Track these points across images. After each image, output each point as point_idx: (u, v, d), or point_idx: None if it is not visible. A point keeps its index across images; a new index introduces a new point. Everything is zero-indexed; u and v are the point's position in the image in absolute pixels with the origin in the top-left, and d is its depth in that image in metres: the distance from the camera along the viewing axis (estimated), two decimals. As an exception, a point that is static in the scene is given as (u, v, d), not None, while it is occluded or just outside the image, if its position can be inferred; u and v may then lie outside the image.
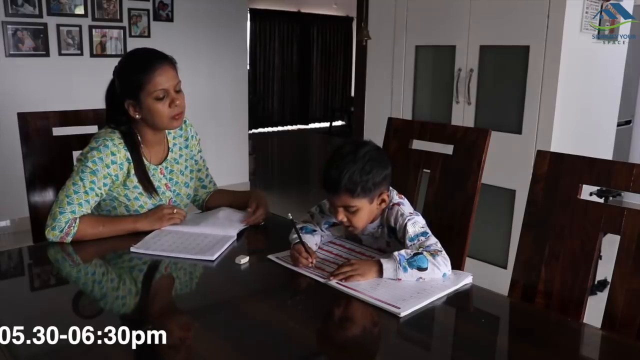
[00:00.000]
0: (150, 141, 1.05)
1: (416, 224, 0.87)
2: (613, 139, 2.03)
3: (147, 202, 1.05)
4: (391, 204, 0.91)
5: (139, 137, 1.03)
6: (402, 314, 0.71)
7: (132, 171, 1.02)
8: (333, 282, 0.79)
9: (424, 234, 0.87)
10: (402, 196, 0.93)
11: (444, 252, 0.84)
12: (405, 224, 0.87)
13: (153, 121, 1.00)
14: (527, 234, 0.89)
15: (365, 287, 0.78)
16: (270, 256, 0.90)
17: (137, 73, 0.98)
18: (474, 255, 1.81)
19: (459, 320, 0.80)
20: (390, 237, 0.93)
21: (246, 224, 1.05)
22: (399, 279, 0.80)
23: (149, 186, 1.03)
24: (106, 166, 0.98)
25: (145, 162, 1.04)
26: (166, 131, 1.09)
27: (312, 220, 0.98)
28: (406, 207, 0.91)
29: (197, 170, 1.18)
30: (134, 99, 0.99)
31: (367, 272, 0.81)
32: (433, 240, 0.86)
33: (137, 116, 1.00)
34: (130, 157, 1.01)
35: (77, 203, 0.97)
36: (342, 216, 0.88)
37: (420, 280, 0.81)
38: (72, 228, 0.95)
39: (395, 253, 0.82)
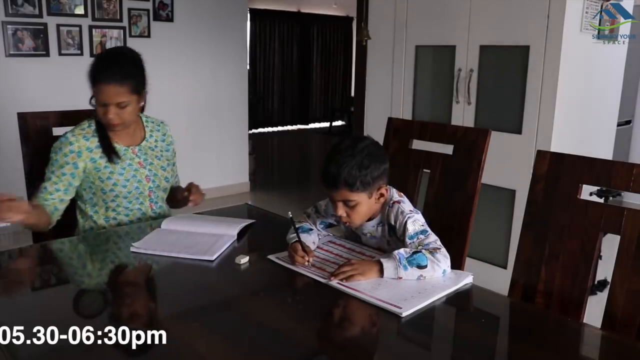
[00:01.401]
0: None
1: (416, 222, 0.87)
2: (613, 139, 2.03)
3: (120, 178, 1.11)
4: (391, 202, 0.91)
5: None
6: (404, 314, 0.71)
7: (97, 157, 1.10)
8: (334, 282, 0.79)
9: (423, 232, 0.87)
10: (402, 194, 0.93)
11: (443, 249, 0.84)
12: (406, 221, 0.87)
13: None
14: (527, 234, 0.89)
15: (366, 287, 0.78)
16: (270, 256, 0.90)
17: (91, 74, 1.07)
18: (474, 255, 1.80)
19: (459, 320, 0.80)
20: (391, 236, 0.93)
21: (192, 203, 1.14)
22: (400, 278, 0.80)
23: (110, 151, 1.10)
24: (64, 155, 1.08)
25: (114, 144, 1.13)
26: (143, 120, 1.20)
27: (308, 220, 0.98)
28: (406, 204, 0.91)
29: (172, 165, 1.25)
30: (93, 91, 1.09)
31: (367, 271, 0.81)
32: (433, 238, 0.86)
33: (91, 104, 1.09)
34: (90, 147, 1.10)
35: (39, 193, 1.08)
36: (341, 211, 0.88)
37: (421, 278, 0.81)
38: None
39: (395, 252, 0.83)
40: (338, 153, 0.86)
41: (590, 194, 1.67)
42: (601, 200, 1.81)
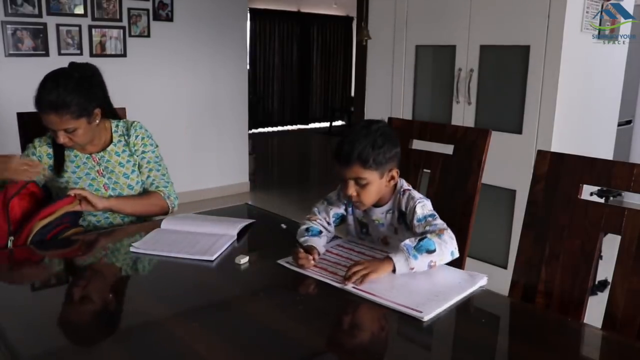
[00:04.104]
0: None
1: (425, 206, 0.90)
2: (614, 138, 2.02)
3: (75, 187, 1.10)
4: (402, 189, 0.93)
5: None
6: (426, 318, 0.70)
7: (59, 167, 1.12)
8: (349, 287, 0.78)
9: (431, 215, 0.89)
10: (409, 185, 0.96)
11: (449, 230, 0.86)
12: (415, 206, 0.89)
13: None
14: (528, 234, 0.89)
15: (382, 291, 0.76)
16: (280, 261, 0.88)
17: (34, 102, 1.05)
18: (474, 255, 1.80)
19: (458, 321, 0.79)
20: (400, 223, 0.94)
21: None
22: (412, 268, 0.81)
23: (59, 162, 1.12)
24: (26, 156, 1.14)
25: (74, 152, 1.14)
26: (112, 126, 1.18)
27: (318, 216, 0.97)
28: (416, 192, 0.93)
29: (147, 170, 1.19)
30: None
31: (379, 268, 0.81)
32: (439, 221, 0.88)
33: None
34: (50, 154, 1.12)
35: None
36: (352, 190, 0.88)
37: (432, 264, 0.82)
38: None
39: (401, 244, 0.83)
40: (352, 132, 0.88)
41: (591, 194, 1.67)
42: (602, 200, 1.80)
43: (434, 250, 0.82)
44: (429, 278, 0.82)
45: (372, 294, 0.76)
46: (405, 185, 0.95)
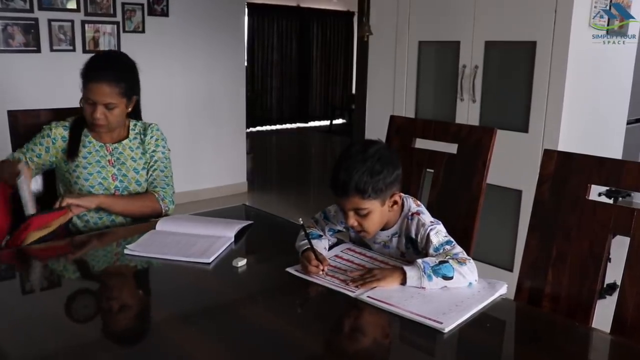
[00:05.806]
0: None
1: (439, 233, 0.84)
2: (622, 137, 2.00)
3: (83, 172, 1.12)
4: (410, 213, 0.88)
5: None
6: (447, 329, 0.68)
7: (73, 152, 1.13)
8: (364, 297, 0.75)
9: (448, 242, 0.84)
10: (420, 203, 0.90)
11: (471, 260, 0.81)
12: (428, 234, 0.84)
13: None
14: (534, 236, 0.88)
15: (398, 299, 0.74)
16: (289, 269, 0.85)
17: (83, 73, 1.11)
18: (479, 258, 1.75)
19: (463, 324, 0.78)
20: (407, 248, 0.90)
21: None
22: (423, 288, 0.77)
23: (72, 148, 1.13)
24: (41, 137, 1.15)
25: (89, 138, 1.16)
26: (130, 124, 1.21)
27: (316, 226, 0.94)
28: (426, 215, 0.88)
29: (152, 169, 1.20)
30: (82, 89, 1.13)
31: (387, 278, 0.78)
32: (459, 249, 0.83)
33: (80, 104, 1.12)
34: (65, 137, 1.14)
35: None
36: (352, 220, 0.84)
37: (445, 289, 0.78)
38: None
39: (419, 260, 0.79)
40: (348, 159, 0.82)
41: (599, 195, 1.64)
42: (610, 201, 1.78)
43: (451, 278, 0.78)
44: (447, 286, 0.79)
45: (388, 303, 0.73)
46: (414, 206, 0.88)
